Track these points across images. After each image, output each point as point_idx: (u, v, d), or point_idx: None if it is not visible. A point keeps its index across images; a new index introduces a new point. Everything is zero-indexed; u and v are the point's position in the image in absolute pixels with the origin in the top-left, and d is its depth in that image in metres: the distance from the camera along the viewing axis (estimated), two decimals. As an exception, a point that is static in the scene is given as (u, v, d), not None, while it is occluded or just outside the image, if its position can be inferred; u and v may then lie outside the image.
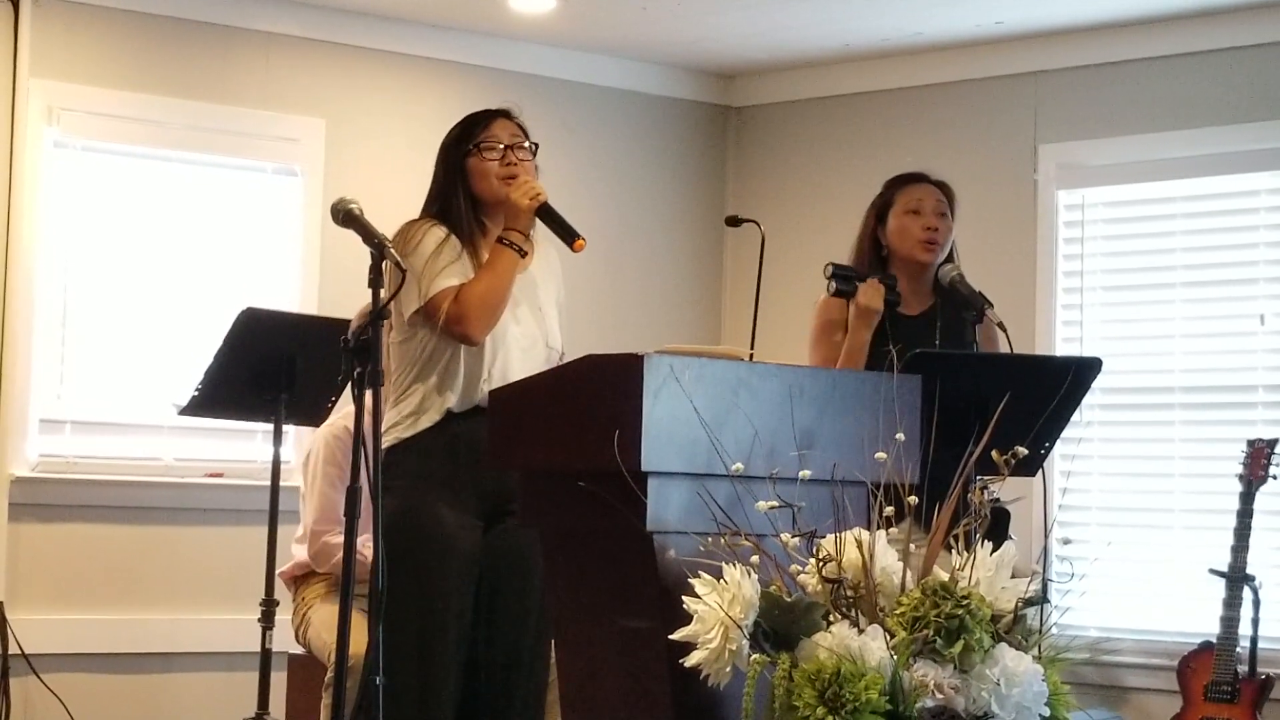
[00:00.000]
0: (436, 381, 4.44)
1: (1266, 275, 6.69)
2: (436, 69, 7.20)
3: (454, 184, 4.53)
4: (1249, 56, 6.69)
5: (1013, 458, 3.55)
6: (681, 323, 7.79)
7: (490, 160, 4.51)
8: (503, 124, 4.57)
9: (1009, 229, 7.14)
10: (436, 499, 4.39)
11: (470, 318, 4.37)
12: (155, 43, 6.65)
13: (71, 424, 6.47)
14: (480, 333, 4.40)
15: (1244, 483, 6.06)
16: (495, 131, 4.54)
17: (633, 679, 3.58)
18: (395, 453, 4.41)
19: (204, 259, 6.74)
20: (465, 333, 4.38)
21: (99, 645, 6.44)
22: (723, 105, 8.05)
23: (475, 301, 4.38)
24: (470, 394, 4.44)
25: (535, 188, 4.48)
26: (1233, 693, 5.95)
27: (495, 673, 4.52)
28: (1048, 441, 4.63)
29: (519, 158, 4.53)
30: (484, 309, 4.39)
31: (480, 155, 4.51)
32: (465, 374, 4.44)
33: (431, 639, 4.38)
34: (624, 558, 3.58)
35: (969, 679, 3.34)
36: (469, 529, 4.44)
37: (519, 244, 4.45)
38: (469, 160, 4.52)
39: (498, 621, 4.51)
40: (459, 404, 4.44)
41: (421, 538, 4.38)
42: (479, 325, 4.39)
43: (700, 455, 3.53)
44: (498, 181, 4.50)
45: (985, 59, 7.28)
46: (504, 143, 4.53)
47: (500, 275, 4.42)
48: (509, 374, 4.42)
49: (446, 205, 4.53)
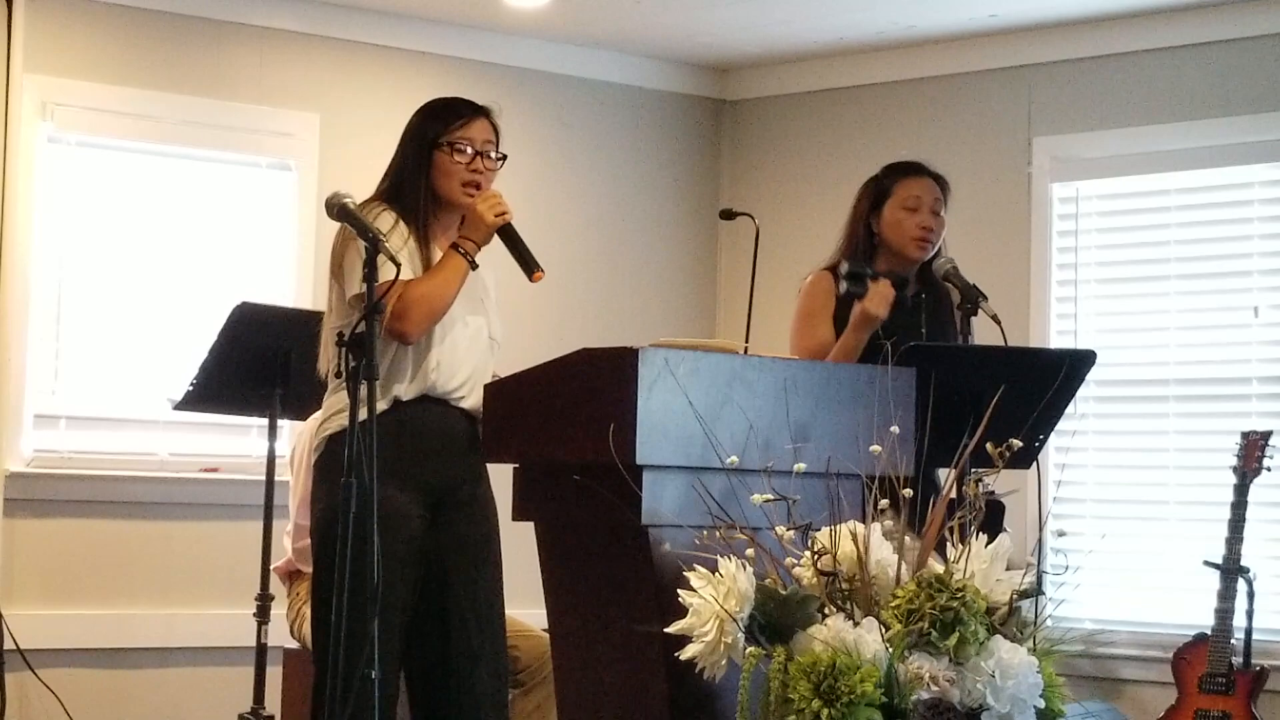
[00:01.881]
0: (385, 368, 4.31)
1: (1260, 267, 6.69)
2: (431, 63, 7.20)
3: (417, 171, 4.46)
4: (1242, 49, 6.69)
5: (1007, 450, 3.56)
6: (676, 316, 7.79)
7: (458, 163, 4.46)
8: (480, 125, 4.51)
9: (1003, 222, 7.14)
10: (383, 486, 4.22)
11: (409, 317, 4.30)
12: (149, 38, 6.64)
13: (66, 419, 6.46)
14: (416, 334, 4.33)
15: (1238, 474, 6.06)
16: (470, 132, 4.48)
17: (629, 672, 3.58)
18: (339, 441, 4.27)
19: (198, 254, 6.73)
20: (402, 330, 4.30)
21: (94, 640, 6.44)
22: (717, 99, 8.05)
23: (418, 301, 4.31)
24: (421, 382, 4.38)
25: (502, 205, 4.42)
26: (1227, 684, 5.95)
27: (452, 667, 4.44)
28: (1042, 434, 4.63)
29: (485, 166, 4.48)
30: (425, 311, 4.32)
31: (450, 154, 4.46)
32: (414, 362, 4.37)
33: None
34: (619, 551, 3.59)
35: (964, 671, 3.35)
36: (414, 518, 4.38)
37: (472, 255, 4.40)
38: (437, 154, 4.46)
39: (450, 614, 4.44)
40: (407, 392, 4.38)
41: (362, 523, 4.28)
42: (417, 326, 4.32)
43: (695, 448, 3.53)
44: (460, 185, 4.45)
45: (979, 52, 7.28)
46: (476, 147, 4.48)
47: (447, 281, 4.35)
48: (456, 363, 4.39)
49: (402, 189, 4.46)
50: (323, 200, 4.29)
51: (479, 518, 4.47)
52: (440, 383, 4.38)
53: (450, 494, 4.40)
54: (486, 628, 4.48)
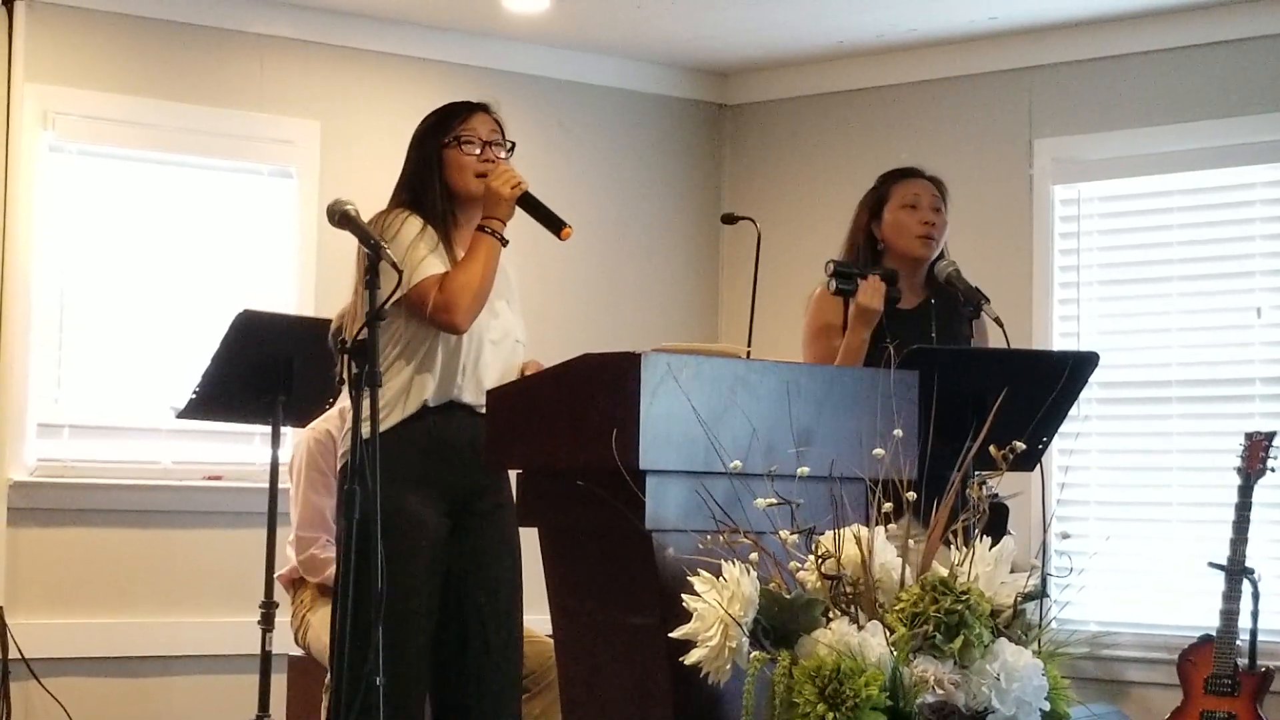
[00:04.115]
0: (413, 374, 4.38)
1: (1262, 268, 6.69)
2: (431, 70, 7.20)
3: (429, 173, 4.48)
4: (1244, 50, 6.69)
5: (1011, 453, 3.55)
6: (678, 321, 7.79)
7: (468, 155, 4.48)
8: (482, 118, 4.53)
9: (1005, 224, 7.14)
10: (405, 494, 4.34)
11: (456, 306, 4.32)
12: (150, 46, 6.65)
13: (69, 428, 6.47)
14: (466, 321, 4.35)
15: (1242, 475, 6.06)
16: (474, 126, 4.50)
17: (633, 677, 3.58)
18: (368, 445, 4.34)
19: (200, 262, 6.74)
20: (452, 321, 4.33)
21: (99, 649, 6.45)
22: (717, 103, 8.05)
23: (461, 289, 4.33)
24: (447, 388, 4.40)
25: (515, 176, 4.44)
26: (1233, 686, 5.95)
27: (469, 672, 4.49)
28: (1045, 436, 4.63)
29: (496, 155, 4.50)
30: (470, 297, 4.34)
31: (459, 148, 4.48)
32: (442, 366, 4.40)
33: (398, 634, 4.31)
34: (623, 556, 3.58)
35: (969, 674, 3.35)
36: (436, 526, 4.40)
37: (499, 232, 4.42)
38: (446, 151, 4.48)
39: (469, 620, 4.47)
40: (435, 398, 4.40)
41: (389, 532, 4.33)
42: (466, 313, 4.34)
43: (698, 453, 3.53)
44: (474, 177, 4.46)
45: (980, 54, 7.28)
46: (483, 138, 4.50)
47: (484, 263, 4.37)
48: (482, 367, 4.41)
49: (420, 194, 4.48)
50: (324, 207, 4.29)
51: (501, 524, 4.47)
52: (467, 389, 4.38)
53: (474, 501, 4.41)
54: (505, 634, 4.51)
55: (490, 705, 4.50)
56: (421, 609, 4.37)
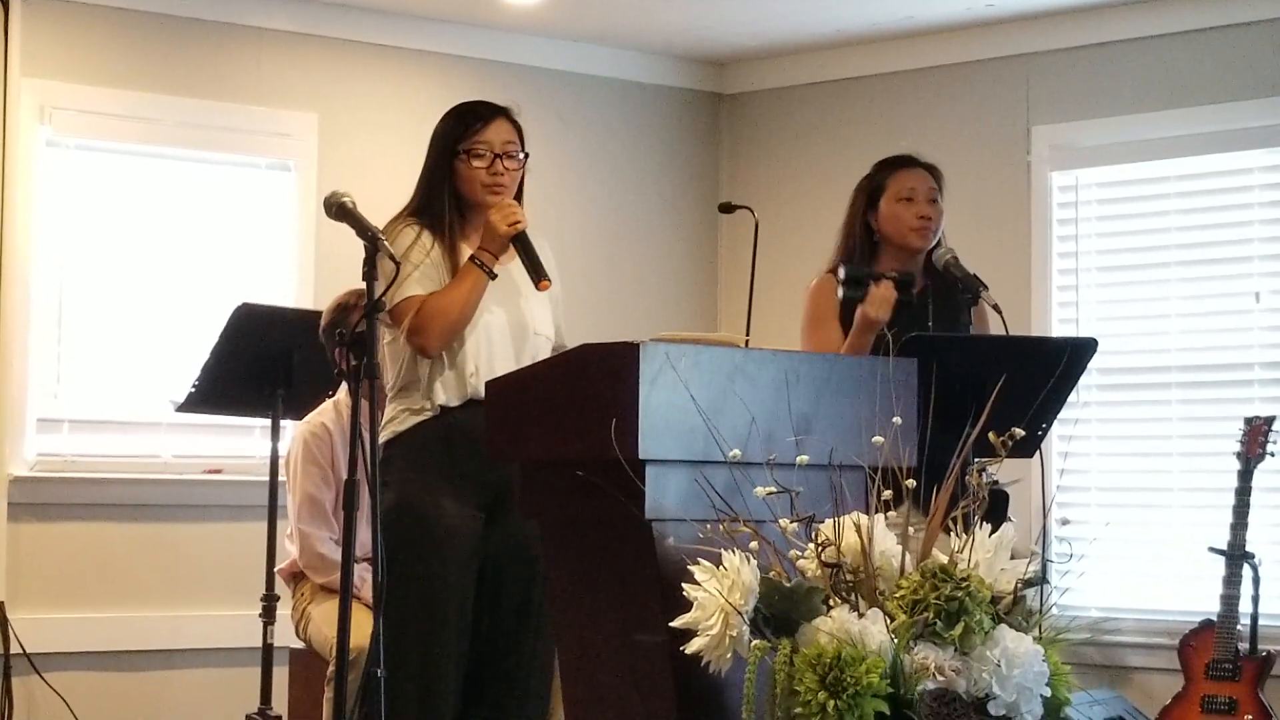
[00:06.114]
0: (426, 377, 4.46)
1: (1261, 253, 6.69)
2: (428, 61, 7.20)
3: (441, 180, 4.54)
4: (1241, 35, 6.69)
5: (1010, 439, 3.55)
6: (676, 310, 7.79)
7: (477, 168, 4.51)
8: (499, 126, 4.55)
9: (1003, 211, 7.14)
10: (436, 491, 4.41)
11: (428, 331, 4.41)
12: (147, 40, 6.65)
13: (69, 422, 6.47)
14: (436, 346, 4.43)
15: (1242, 460, 6.07)
16: (489, 136, 4.53)
17: (634, 665, 3.58)
18: (391, 447, 4.44)
19: (199, 255, 6.73)
20: (422, 344, 4.43)
21: (101, 643, 6.45)
22: (715, 92, 8.05)
23: (436, 315, 4.41)
24: (461, 387, 4.46)
25: (516, 214, 4.47)
26: (1234, 670, 5.95)
27: (499, 664, 4.53)
28: (1045, 423, 4.63)
29: (507, 167, 4.52)
30: (442, 324, 4.41)
31: (468, 160, 4.52)
32: (450, 368, 4.47)
33: (433, 631, 4.39)
34: (623, 546, 3.58)
35: (970, 661, 3.35)
36: (470, 520, 4.45)
37: (489, 265, 4.46)
38: (456, 162, 4.53)
39: (502, 613, 4.52)
40: (451, 397, 4.46)
41: (422, 530, 4.39)
42: (435, 340, 4.42)
43: (698, 442, 3.53)
44: (482, 189, 4.51)
45: (977, 41, 7.27)
46: (495, 150, 4.52)
47: (465, 294, 4.43)
48: (492, 364, 4.45)
49: (430, 199, 4.55)
50: (322, 200, 4.31)
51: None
52: (480, 386, 4.41)
53: (504, 495, 4.43)
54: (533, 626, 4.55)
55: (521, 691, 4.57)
56: (454, 604, 4.43)
